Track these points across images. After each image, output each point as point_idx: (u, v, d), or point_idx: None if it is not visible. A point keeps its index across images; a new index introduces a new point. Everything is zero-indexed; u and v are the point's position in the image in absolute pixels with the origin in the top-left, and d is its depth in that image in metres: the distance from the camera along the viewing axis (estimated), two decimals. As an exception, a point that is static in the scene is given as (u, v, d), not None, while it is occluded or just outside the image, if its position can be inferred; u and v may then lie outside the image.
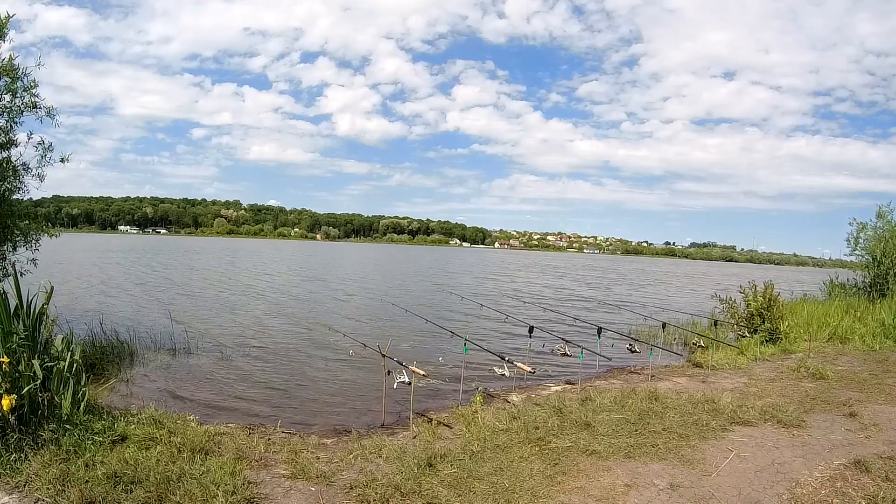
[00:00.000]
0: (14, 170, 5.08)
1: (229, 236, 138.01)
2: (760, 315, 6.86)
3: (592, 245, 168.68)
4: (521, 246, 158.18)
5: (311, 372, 5.74)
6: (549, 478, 2.59)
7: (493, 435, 3.19)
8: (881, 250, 9.81)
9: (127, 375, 5.12)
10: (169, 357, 5.97)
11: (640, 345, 5.69)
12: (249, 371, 5.64)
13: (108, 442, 2.71)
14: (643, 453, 2.91)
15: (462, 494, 2.43)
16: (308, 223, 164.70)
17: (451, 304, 12.18)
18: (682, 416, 3.53)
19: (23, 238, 5.30)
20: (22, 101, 4.85)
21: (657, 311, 10.00)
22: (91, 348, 5.27)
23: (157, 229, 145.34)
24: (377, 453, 2.98)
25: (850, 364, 5.54)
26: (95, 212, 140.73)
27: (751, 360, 5.77)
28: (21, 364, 2.70)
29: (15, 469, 2.39)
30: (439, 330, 6.24)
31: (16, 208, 5.20)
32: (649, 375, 5.26)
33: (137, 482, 2.33)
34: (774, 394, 4.26)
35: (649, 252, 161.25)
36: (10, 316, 2.86)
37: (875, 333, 6.90)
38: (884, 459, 2.82)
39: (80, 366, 3.02)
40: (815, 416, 3.67)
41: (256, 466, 2.74)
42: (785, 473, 2.70)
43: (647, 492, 2.47)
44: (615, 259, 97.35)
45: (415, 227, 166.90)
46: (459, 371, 4.96)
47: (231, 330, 8.06)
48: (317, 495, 2.45)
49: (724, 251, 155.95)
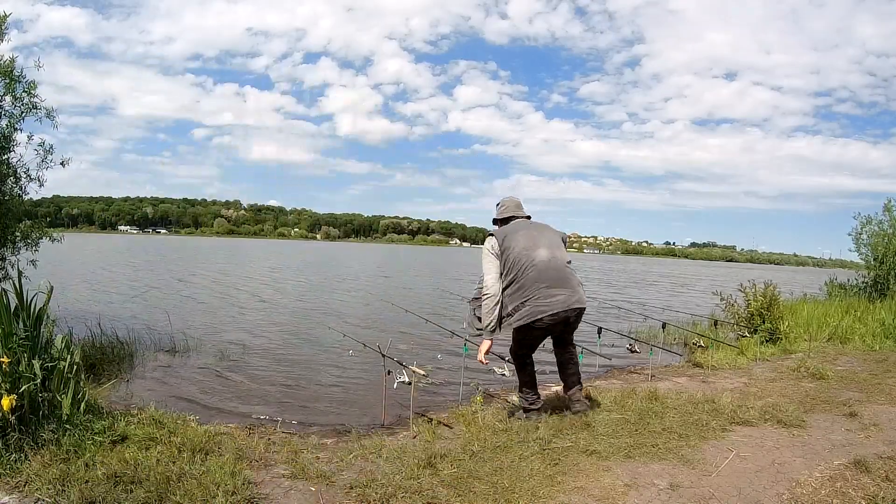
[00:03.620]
0: (14, 172, 5.08)
1: (229, 236, 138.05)
2: (760, 315, 6.86)
3: (592, 245, 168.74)
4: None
5: (311, 372, 5.74)
6: (549, 478, 2.59)
7: (493, 435, 3.19)
8: (884, 248, 9.69)
9: (127, 375, 5.13)
10: (169, 357, 5.98)
11: (640, 345, 5.69)
12: (249, 371, 5.64)
13: (109, 442, 2.71)
14: (643, 453, 2.91)
15: (462, 494, 2.43)
16: (308, 223, 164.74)
17: (451, 304, 12.18)
18: (682, 415, 3.53)
19: (23, 239, 5.30)
20: (21, 104, 4.85)
21: (657, 311, 10.00)
22: (91, 348, 5.28)
23: (157, 229, 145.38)
24: (377, 453, 2.98)
25: (850, 364, 5.54)
26: (95, 212, 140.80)
27: (751, 360, 5.77)
28: (21, 364, 2.70)
29: (15, 469, 2.39)
30: (439, 330, 6.24)
31: (15, 209, 5.20)
32: (649, 375, 5.26)
33: (137, 482, 2.33)
34: (774, 394, 4.26)
35: (649, 252, 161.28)
36: (10, 316, 2.85)
37: (875, 333, 6.90)
38: (884, 459, 2.82)
39: (81, 366, 3.02)
40: (815, 416, 3.67)
41: (256, 466, 2.74)
42: (785, 473, 2.70)
43: (647, 492, 2.47)
44: (615, 259, 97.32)
45: (415, 227, 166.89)
46: (459, 371, 4.96)
47: (231, 330, 8.07)
48: (317, 495, 2.45)
49: (724, 251, 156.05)
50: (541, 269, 3.22)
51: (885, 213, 10.01)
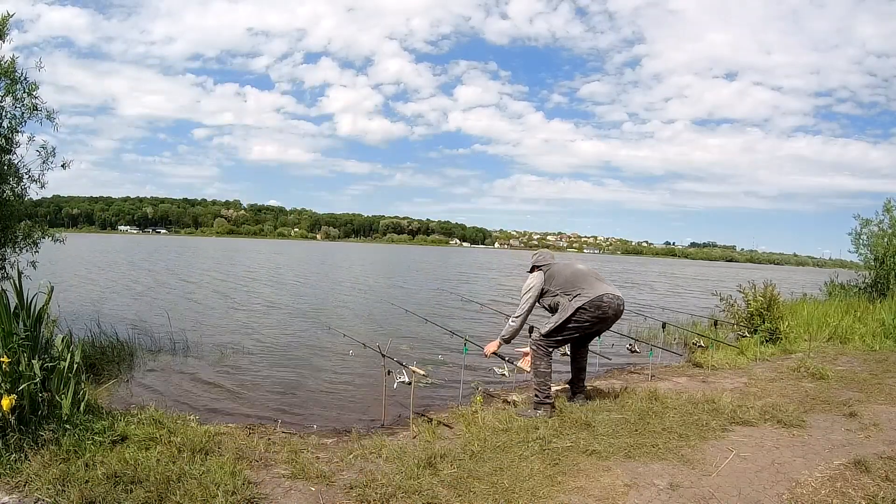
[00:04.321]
0: (15, 173, 5.08)
1: (229, 236, 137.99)
2: (760, 315, 6.86)
3: (592, 245, 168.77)
4: (521, 246, 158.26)
5: (311, 372, 5.74)
6: (549, 478, 2.59)
7: (493, 435, 3.19)
8: (884, 248, 9.68)
9: (127, 375, 5.13)
10: (169, 357, 5.97)
11: (640, 345, 5.69)
12: (249, 371, 5.64)
13: (108, 442, 2.71)
14: (643, 453, 2.91)
15: (462, 494, 2.43)
16: (308, 223, 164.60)
17: (451, 304, 12.18)
18: (682, 415, 3.53)
19: (24, 239, 5.30)
20: (22, 104, 4.84)
21: (657, 311, 10.00)
22: (91, 348, 5.27)
23: (157, 229, 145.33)
24: (377, 453, 2.98)
25: (850, 364, 5.54)
26: (95, 212, 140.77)
27: (751, 360, 5.77)
28: (21, 364, 2.70)
29: (15, 469, 2.39)
30: (439, 330, 6.24)
31: (16, 210, 5.20)
32: (649, 375, 5.26)
33: (137, 482, 2.33)
34: (774, 394, 4.26)
35: (649, 252, 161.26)
36: (10, 316, 2.85)
37: (875, 333, 6.90)
38: (884, 459, 2.82)
39: (81, 366, 3.02)
40: (815, 416, 3.67)
41: (256, 466, 2.74)
42: (785, 473, 2.70)
43: (647, 492, 2.47)
44: (615, 259, 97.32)
45: (415, 227, 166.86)
46: (459, 371, 4.96)
47: (231, 330, 8.06)
48: (317, 495, 2.45)
49: (724, 251, 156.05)
50: (585, 272, 3.83)
51: (886, 213, 10.00)
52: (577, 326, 3.68)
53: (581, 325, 3.68)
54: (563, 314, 3.65)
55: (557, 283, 3.75)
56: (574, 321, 3.65)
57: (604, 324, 3.80)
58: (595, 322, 3.70)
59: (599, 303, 3.64)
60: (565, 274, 3.78)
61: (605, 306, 3.65)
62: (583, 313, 3.63)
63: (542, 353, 3.72)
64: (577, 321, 3.65)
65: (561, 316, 3.65)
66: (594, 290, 3.67)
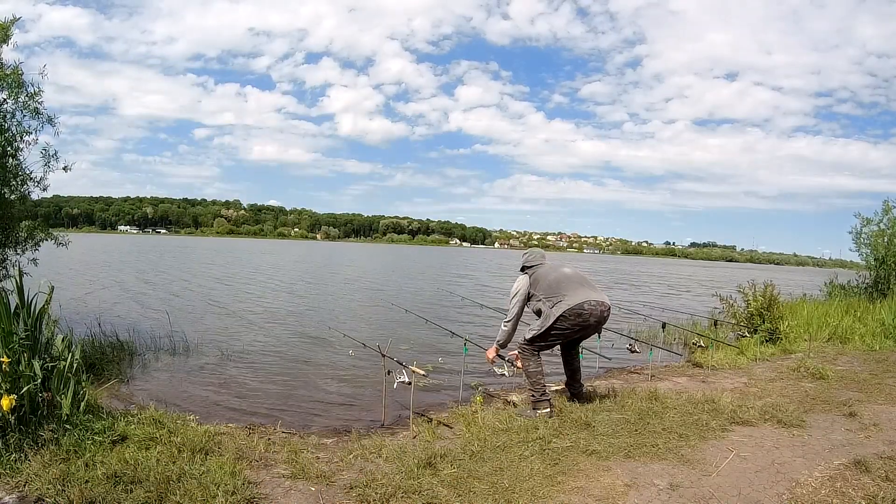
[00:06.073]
0: (17, 174, 5.09)
1: (229, 236, 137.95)
2: (760, 315, 6.86)
3: (592, 245, 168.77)
4: (521, 246, 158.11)
5: (311, 372, 5.74)
6: (549, 478, 2.59)
7: (493, 435, 3.19)
8: (885, 248, 9.68)
9: (127, 375, 5.13)
10: (169, 357, 5.97)
11: (640, 345, 5.68)
12: (249, 371, 5.64)
13: (108, 442, 2.71)
14: (643, 453, 2.91)
15: (462, 494, 2.43)
16: (308, 223, 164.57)
17: (451, 304, 12.18)
18: (682, 415, 3.53)
19: (26, 240, 5.31)
20: (28, 109, 4.86)
21: (657, 311, 10.00)
22: (91, 348, 5.28)
23: (157, 229, 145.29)
24: (377, 453, 2.99)
25: (850, 364, 5.54)
26: (95, 212, 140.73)
27: (751, 360, 5.77)
28: (21, 364, 2.70)
29: (15, 469, 2.39)
30: (439, 330, 6.25)
31: (18, 211, 5.21)
32: (649, 375, 5.26)
33: (137, 482, 2.33)
34: (774, 394, 4.26)
35: (649, 252, 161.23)
36: (10, 316, 2.85)
37: (875, 333, 6.90)
38: (884, 459, 2.82)
39: (81, 366, 3.01)
40: (815, 416, 3.67)
41: (256, 466, 2.74)
42: (785, 473, 2.70)
43: (647, 492, 2.47)
44: (615, 259, 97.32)
45: (415, 227, 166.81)
46: (459, 371, 4.96)
47: (231, 330, 8.07)
48: (317, 495, 2.45)
49: (724, 251, 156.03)
50: (570, 276, 3.77)
51: (884, 213, 10.01)
52: (559, 334, 3.64)
53: (563, 332, 3.63)
54: (545, 322, 3.59)
55: (541, 288, 3.71)
56: (556, 328, 3.60)
57: (586, 331, 3.76)
58: (577, 329, 3.65)
59: (580, 310, 3.57)
60: (549, 279, 3.72)
61: (586, 314, 3.59)
62: (563, 321, 3.58)
63: (528, 355, 3.70)
64: (558, 328, 3.60)
65: (544, 324, 3.61)
66: (576, 296, 3.59)
